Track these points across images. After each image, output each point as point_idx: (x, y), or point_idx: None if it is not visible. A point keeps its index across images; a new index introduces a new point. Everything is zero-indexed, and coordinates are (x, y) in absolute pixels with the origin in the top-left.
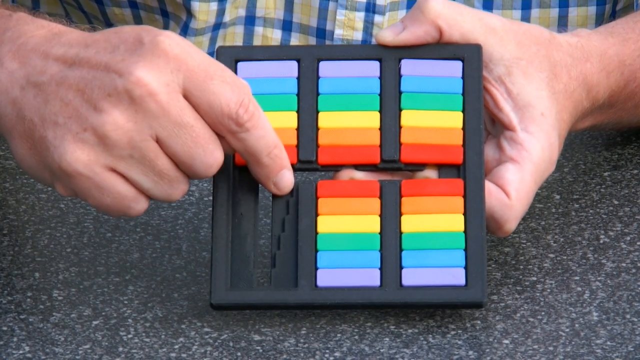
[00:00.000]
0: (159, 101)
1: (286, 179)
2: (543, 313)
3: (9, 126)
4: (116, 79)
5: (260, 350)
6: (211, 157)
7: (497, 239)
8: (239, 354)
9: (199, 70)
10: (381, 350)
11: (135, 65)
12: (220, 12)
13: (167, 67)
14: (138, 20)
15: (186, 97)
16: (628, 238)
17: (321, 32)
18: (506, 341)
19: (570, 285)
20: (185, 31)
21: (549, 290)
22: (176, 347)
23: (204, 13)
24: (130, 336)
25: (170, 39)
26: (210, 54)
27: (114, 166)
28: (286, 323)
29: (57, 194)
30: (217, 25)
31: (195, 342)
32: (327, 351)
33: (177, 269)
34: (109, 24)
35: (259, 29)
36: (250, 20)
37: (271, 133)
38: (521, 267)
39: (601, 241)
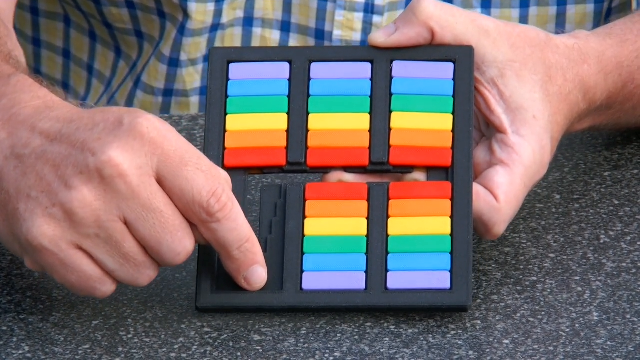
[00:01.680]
0: (129, 183)
1: (257, 275)
2: (543, 313)
3: None
4: (89, 157)
5: (260, 350)
6: (179, 244)
7: (497, 238)
8: (239, 354)
9: (174, 155)
10: (381, 350)
11: (110, 145)
12: (218, 13)
13: (142, 149)
14: (135, 21)
15: (159, 181)
16: (628, 238)
17: (320, 33)
18: (506, 341)
19: (570, 285)
20: (181, 32)
21: (549, 290)
22: (176, 347)
23: (200, 13)
24: (130, 336)
25: (149, 122)
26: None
27: (80, 244)
28: (286, 323)
29: None
30: (215, 27)
31: (195, 342)
32: (327, 351)
33: (177, 269)
34: (106, 23)
35: (257, 30)
36: (248, 21)
37: (244, 226)
38: (521, 267)
39: (601, 241)
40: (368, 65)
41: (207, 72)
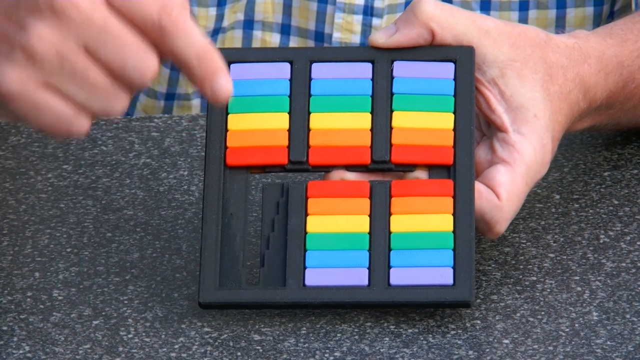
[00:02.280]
0: (81, 9)
1: (221, 87)
2: (543, 313)
3: None
4: None
5: (260, 350)
6: (143, 62)
7: (497, 238)
8: (239, 354)
9: None
10: (381, 350)
11: None
12: (219, 18)
13: None
14: None
15: (111, 6)
16: (628, 238)
17: (319, 36)
18: (506, 341)
19: (570, 285)
20: None
21: (549, 290)
22: (176, 347)
23: (202, 18)
24: (130, 336)
25: None
26: None
27: (47, 81)
28: (286, 323)
29: (57, 194)
30: (217, 30)
31: (195, 342)
32: (327, 351)
33: (177, 269)
34: None
35: (257, 33)
36: (248, 24)
37: (199, 38)
38: (521, 267)
39: (601, 241)
40: (369, 66)
41: None
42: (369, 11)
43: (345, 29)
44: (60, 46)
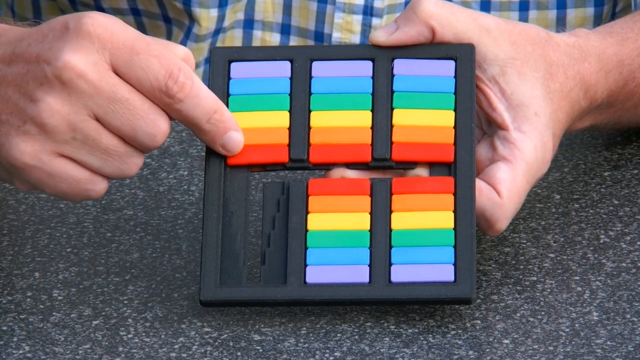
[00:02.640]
0: (89, 80)
1: (233, 140)
2: (543, 313)
3: None
4: (45, 67)
5: (260, 350)
6: (154, 127)
7: (497, 238)
8: (239, 354)
9: (124, 46)
10: (381, 350)
11: (61, 50)
12: (221, 19)
13: (92, 47)
14: (141, 28)
15: (117, 73)
16: (628, 238)
17: (319, 36)
18: (506, 341)
19: (570, 285)
20: (188, 36)
21: (549, 290)
22: (176, 347)
23: (204, 20)
24: (130, 336)
25: (93, 20)
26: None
27: (61, 151)
28: (286, 323)
29: None
30: (217, 31)
31: (195, 342)
32: (327, 351)
33: (177, 269)
34: None
35: (257, 33)
36: (248, 24)
37: (208, 99)
38: (521, 267)
39: (601, 241)
40: (369, 64)
41: (209, 71)
42: (368, 11)
43: (345, 29)
44: (70, 117)
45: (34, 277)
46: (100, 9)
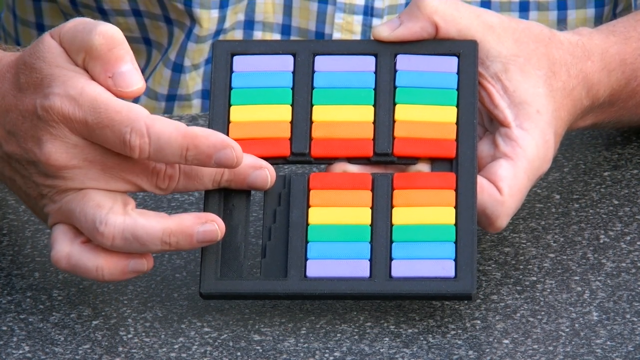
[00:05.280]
0: (76, 165)
1: (226, 158)
2: (543, 313)
3: None
4: (33, 155)
5: (260, 350)
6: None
7: (497, 238)
8: (239, 354)
9: (82, 125)
10: (381, 350)
11: (39, 141)
12: (222, 20)
13: (63, 131)
14: (143, 29)
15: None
16: (628, 238)
17: (320, 36)
18: (506, 341)
19: (570, 285)
20: (189, 37)
21: (549, 290)
22: (176, 347)
23: (205, 20)
24: (130, 336)
25: (51, 105)
26: (211, 59)
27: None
28: (286, 323)
29: None
30: (218, 32)
31: (195, 342)
32: (327, 351)
33: (177, 269)
34: None
35: (258, 34)
36: (249, 24)
37: (171, 144)
38: (521, 267)
39: (601, 241)
40: (372, 59)
41: (211, 64)
42: (369, 11)
43: (346, 29)
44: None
45: (33, 277)
46: (101, 10)
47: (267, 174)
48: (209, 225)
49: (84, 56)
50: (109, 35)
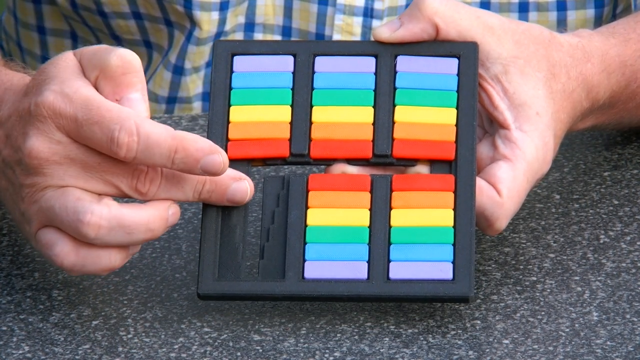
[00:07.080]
0: (57, 160)
1: (211, 164)
2: (543, 313)
3: None
4: (18, 154)
5: (260, 350)
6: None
7: (497, 238)
8: (238, 354)
9: (71, 122)
10: (381, 350)
11: (26, 136)
12: (222, 22)
13: (50, 127)
14: (143, 31)
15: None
16: (628, 238)
17: (320, 38)
18: (506, 341)
19: (570, 285)
20: (189, 40)
21: (549, 290)
22: (176, 347)
23: (206, 23)
24: (130, 336)
25: (43, 102)
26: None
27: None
28: (286, 323)
29: None
30: (219, 34)
31: (195, 342)
32: (327, 351)
33: (177, 269)
34: (114, 36)
35: (258, 36)
36: (249, 27)
37: (161, 145)
38: (521, 267)
39: (601, 241)
40: (372, 60)
41: (212, 64)
42: (369, 13)
43: (346, 30)
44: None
45: (33, 277)
46: (102, 13)
47: (246, 186)
48: (173, 218)
49: (98, 74)
50: (126, 60)
